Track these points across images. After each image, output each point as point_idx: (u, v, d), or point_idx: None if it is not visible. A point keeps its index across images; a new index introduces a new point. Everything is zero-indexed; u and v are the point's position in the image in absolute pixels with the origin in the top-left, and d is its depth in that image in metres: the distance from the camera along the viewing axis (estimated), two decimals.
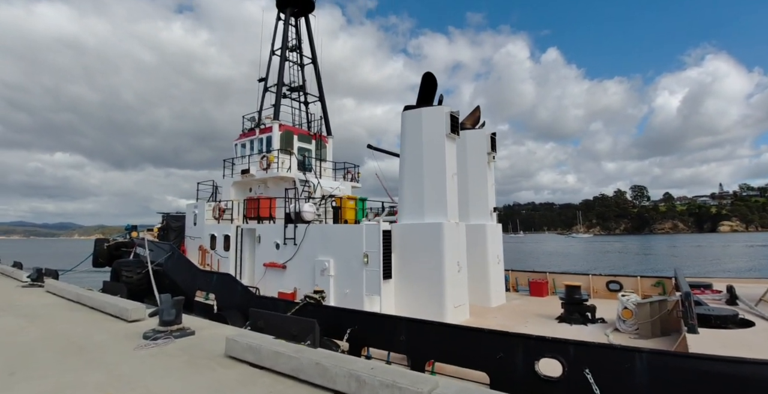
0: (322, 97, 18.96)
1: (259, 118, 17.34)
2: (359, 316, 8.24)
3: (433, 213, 10.83)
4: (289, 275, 12.17)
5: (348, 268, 10.78)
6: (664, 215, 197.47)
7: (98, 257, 18.16)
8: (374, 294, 10.21)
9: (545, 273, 15.58)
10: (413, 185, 11.22)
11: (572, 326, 10.15)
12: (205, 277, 12.52)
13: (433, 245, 10.36)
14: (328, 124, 18.70)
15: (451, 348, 6.92)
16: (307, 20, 19.42)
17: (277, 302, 10.04)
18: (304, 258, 11.83)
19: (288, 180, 15.60)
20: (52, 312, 8.29)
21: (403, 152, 11.64)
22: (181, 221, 18.37)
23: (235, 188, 16.90)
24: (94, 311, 8.36)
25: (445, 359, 6.96)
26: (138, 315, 7.33)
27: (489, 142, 13.78)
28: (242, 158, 17.30)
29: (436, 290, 10.22)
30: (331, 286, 10.94)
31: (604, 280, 14.40)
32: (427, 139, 11.15)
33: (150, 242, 15.92)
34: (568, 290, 10.76)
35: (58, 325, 7.05)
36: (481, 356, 6.55)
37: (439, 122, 11.10)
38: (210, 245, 15.20)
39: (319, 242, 11.53)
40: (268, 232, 13.13)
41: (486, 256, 12.94)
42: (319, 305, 9.06)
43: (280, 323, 8.17)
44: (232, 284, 11.38)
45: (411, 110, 11.56)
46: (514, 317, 11.24)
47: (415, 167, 11.24)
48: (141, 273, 14.75)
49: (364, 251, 10.42)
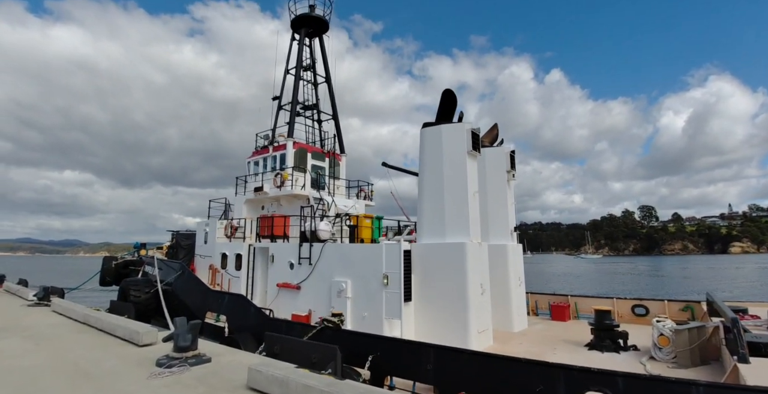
0: (336, 115, 18.93)
1: (273, 135, 17.26)
2: (382, 342, 7.77)
3: (454, 232, 10.45)
4: (304, 296, 11.73)
5: (366, 289, 10.34)
6: (673, 235, 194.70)
7: (105, 276, 17.81)
8: (395, 318, 9.73)
9: (567, 296, 14.99)
10: (433, 204, 10.89)
11: (604, 354, 9.58)
12: (216, 297, 12.10)
13: (456, 266, 9.93)
14: (341, 142, 18.59)
15: (484, 379, 6.42)
16: (321, 40, 19.63)
17: (292, 325, 9.58)
18: (319, 279, 11.41)
19: (302, 198, 15.33)
20: (59, 334, 7.90)
21: (423, 170, 11.37)
22: (191, 239, 18.08)
23: (247, 206, 16.65)
24: (103, 333, 7.95)
25: (478, 390, 6.45)
26: (150, 339, 6.91)
27: (508, 160, 13.50)
28: (255, 176, 17.12)
29: (459, 314, 9.72)
30: (348, 308, 10.47)
31: (629, 304, 13.78)
32: (448, 157, 10.89)
33: (159, 261, 15.58)
34: (597, 315, 10.22)
35: (66, 348, 6.66)
36: (518, 388, 6.05)
37: (460, 139, 10.87)
38: (221, 264, 14.83)
39: (336, 262, 11.14)
40: (281, 251, 12.77)
41: (507, 278, 12.45)
42: (338, 329, 8.60)
43: (298, 348, 7.71)
44: (245, 306, 10.95)
45: (430, 127, 11.37)
46: (540, 343, 10.66)
47: (436, 185, 10.94)
48: (149, 293, 14.34)
49: (384, 272, 10.00)
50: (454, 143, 10.90)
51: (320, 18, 18.94)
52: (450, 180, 10.77)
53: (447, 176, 10.82)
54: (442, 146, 11.02)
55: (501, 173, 13.39)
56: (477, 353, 6.72)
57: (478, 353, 6.68)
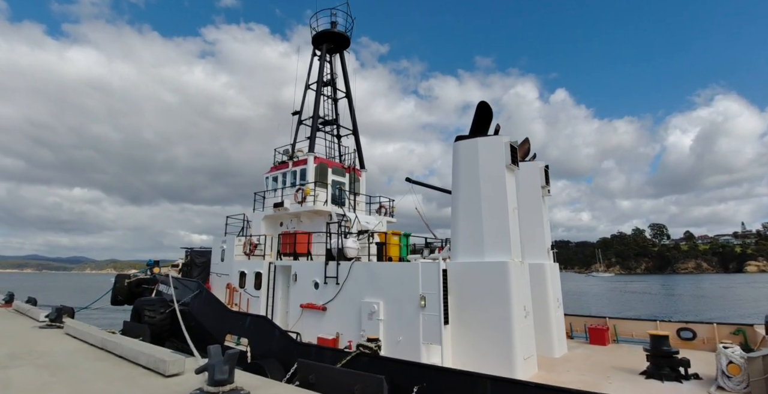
0: (356, 130, 18.60)
1: (292, 150, 16.89)
2: (429, 372, 7.03)
3: (494, 251, 9.79)
4: (331, 318, 11.01)
5: (400, 312, 9.63)
6: (686, 254, 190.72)
7: (117, 295, 17.18)
8: (434, 343, 8.97)
9: (605, 318, 14.09)
10: (470, 220, 10.27)
11: (665, 383, 8.72)
12: (237, 319, 11.41)
13: (499, 287, 9.22)
14: (361, 158, 18.18)
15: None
16: (341, 56, 19.52)
17: (322, 350, 8.86)
18: (347, 299, 10.72)
19: (323, 214, 14.79)
20: (76, 362, 7.26)
21: (457, 185, 10.81)
22: (206, 257, 17.51)
23: (265, 223, 16.12)
24: (123, 360, 7.30)
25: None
26: (177, 369, 6.26)
27: (543, 175, 12.92)
28: (274, 192, 16.66)
29: (502, 339, 8.95)
30: (380, 332, 9.74)
31: (674, 327, 12.87)
32: (485, 171, 10.34)
33: (174, 279, 14.96)
34: (654, 340, 9.40)
35: (85, 380, 6.01)
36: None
37: (498, 153, 10.34)
38: (239, 282, 14.19)
39: (366, 282, 10.46)
40: (305, 269, 12.13)
41: (547, 299, 11.68)
42: (376, 356, 7.87)
43: (338, 378, 6.99)
44: (269, 329, 10.25)
45: (465, 140, 10.87)
46: (589, 370, 9.80)
47: (472, 201, 10.35)
48: (164, 313, 13.68)
49: (421, 293, 9.31)
50: (491, 157, 10.37)
51: (341, 34, 18.87)
52: (488, 195, 10.18)
53: (485, 191, 10.24)
54: (478, 160, 10.49)
55: (535, 189, 12.79)
56: (543, 386, 5.97)
57: (544, 387, 5.93)
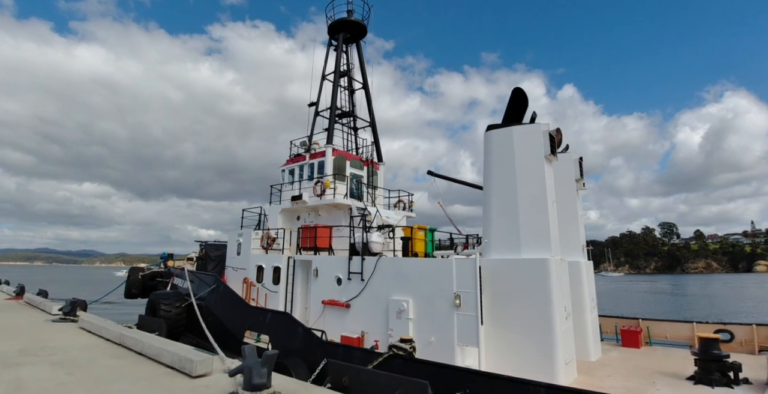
0: (373, 121, 18.00)
1: (309, 142, 16.36)
2: (473, 377, 6.49)
3: (532, 247, 9.19)
4: (355, 316, 10.50)
5: (432, 310, 9.09)
6: (696, 253, 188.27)
7: (131, 288, 16.84)
8: (470, 344, 8.43)
9: (637, 320, 13.45)
10: (505, 215, 9.67)
11: (715, 389, 8.12)
12: (257, 315, 10.96)
13: (538, 286, 8.63)
14: (379, 150, 17.59)
15: None
16: (358, 46, 18.90)
17: (350, 350, 8.35)
18: (373, 296, 10.20)
19: (343, 208, 14.26)
20: (93, 359, 6.80)
21: (490, 177, 10.20)
22: (221, 250, 17.10)
23: (282, 216, 15.64)
24: (143, 358, 6.84)
25: None
26: (204, 369, 5.76)
27: (578, 168, 12.27)
28: (291, 185, 16.16)
29: (543, 341, 8.37)
30: (409, 331, 9.21)
31: (711, 328, 12.22)
32: (522, 162, 9.72)
33: (191, 273, 14.56)
34: (704, 343, 8.78)
35: (105, 380, 5.53)
36: None
37: (536, 142, 9.71)
38: (256, 277, 13.73)
39: (393, 278, 9.93)
40: (327, 264, 11.62)
41: (583, 299, 11.07)
42: (411, 358, 7.34)
43: (376, 381, 6.46)
44: (292, 326, 9.76)
45: (499, 129, 10.25)
46: (632, 375, 9.21)
47: (507, 194, 9.74)
48: (180, 307, 13.28)
49: (455, 291, 8.75)
50: (528, 146, 9.75)
51: (358, 22, 18.24)
52: (525, 188, 9.57)
53: (521, 184, 9.63)
54: (514, 150, 9.87)
55: (570, 182, 12.15)
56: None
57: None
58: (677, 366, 9.95)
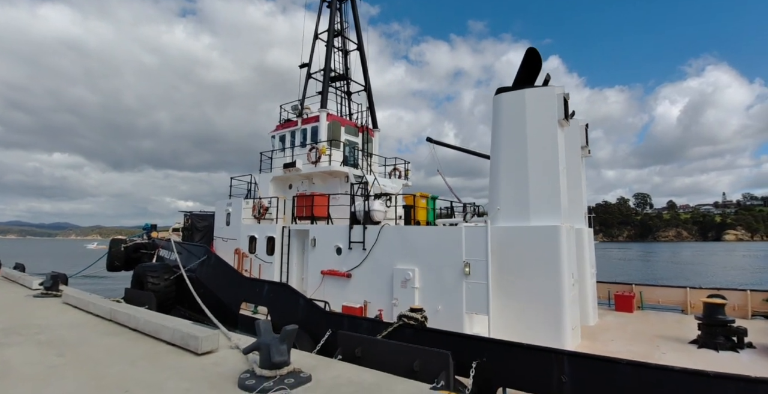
0: (368, 85, 17.08)
1: (301, 106, 15.42)
2: (489, 346, 6.28)
3: (541, 214, 8.90)
4: (356, 286, 10.19)
5: (439, 279, 8.82)
6: (667, 222, 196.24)
7: (114, 260, 16.10)
8: (480, 312, 8.24)
9: (631, 285, 13.66)
10: (514, 181, 9.29)
11: (720, 353, 8.24)
12: (253, 286, 10.53)
13: (548, 254, 8.40)
14: (374, 116, 16.81)
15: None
16: (353, 4, 17.60)
17: (358, 321, 8.05)
18: (376, 266, 9.86)
19: (339, 175, 13.67)
20: (84, 337, 6.24)
21: (498, 142, 9.73)
22: (208, 221, 16.41)
23: (273, 185, 14.95)
24: (139, 335, 6.34)
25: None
26: (211, 345, 5.29)
27: (584, 134, 11.90)
28: (281, 152, 15.36)
29: (552, 308, 8.25)
30: (415, 300, 8.97)
31: (704, 293, 12.47)
32: (533, 126, 9.25)
33: (178, 244, 13.91)
34: (708, 308, 8.85)
35: (102, 361, 4.99)
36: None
37: (549, 105, 9.22)
38: (248, 248, 13.21)
39: (398, 247, 9.57)
40: (326, 234, 11.16)
41: (584, 266, 11.02)
42: (423, 328, 7.08)
43: (391, 352, 6.19)
44: (292, 297, 9.39)
45: (510, 92, 9.67)
46: (634, 340, 9.30)
47: (517, 160, 9.33)
48: (169, 279, 12.73)
49: (465, 260, 8.46)
50: (541, 110, 9.25)
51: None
52: (536, 153, 9.16)
53: (532, 149, 9.20)
54: (525, 114, 9.36)
55: (575, 149, 11.82)
56: (635, 363, 5.24)
57: (637, 364, 5.20)
58: (675, 330, 10.12)
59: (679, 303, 12.88)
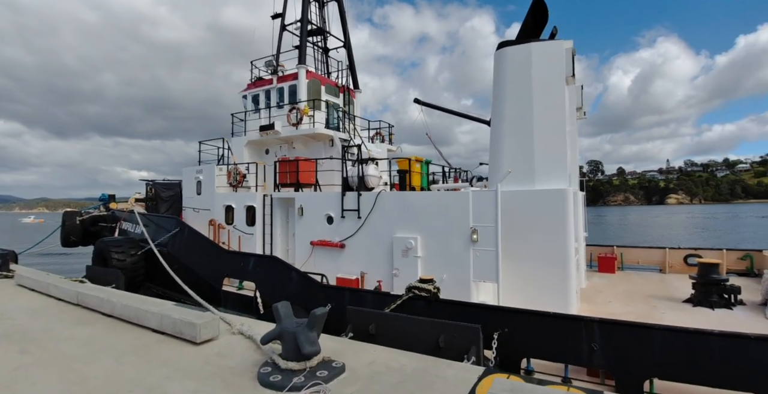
0: (348, 41, 15.70)
1: (276, 62, 13.94)
2: (511, 315, 5.93)
3: (547, 178, 8.51)
4: (350, 257, 9.57)
5: (444, 247, 8.35)
6: (617, 188, 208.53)
7: (69, 235, 14.49)
8: (489, 280, 7.91)
9: (612, 247, 13.98)
10: (518, 143, 8.77)
11: (716, 311, 8.47)
12: (237, 260, 9.66)
13: (556, 218, 8.08)
14: (354, 76, 15.60)
15: (691, 360, 4.84)
16: None
17: (361, 294, 7.48)
18: (373, 234, 9.24)
19: (323, 139, 12.66)
20: (51, 328, 5.15)
21: (501, 101, 9.09)
22: (173, 190, 15.01)
23: (248, 150, 13.70)
24: (118, 322, 5.38)
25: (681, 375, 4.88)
26: (211, 333, 4.44)
27: (580, 96, 11.49)
28: (256, 113, 13.99)
29: (558, 273, 8.04)
30: (418, 270, 8.51)
31: (682, 254, 13.00)
32: (540, 83, 8.65)
33: (143, 216, 12.58)
34: (703, 268, 9.03)
35: (76, 356, 4.03)
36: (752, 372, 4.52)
37: (557, 61, 8.60)
38: (225, 218, 12.15)
39: (397, 215, 8.94)
40: (315, 202, 10.32)
41: (578, 230, 10.93)
42: (436, 299, 6.63)
43: (410, 328, 5.69)
44: (283, 270, 8.65)
45: (514, 46, 8.93)
46: (629, 300, 9.43)
47: (521, 120, 8.77)
48: (136, 255, 11.55)
49: (472, 226, 7.99)
50: (548, 66, 8.63)
51: None
52: (542, 112, 8.62)
53: (538, 107, 8.65)
54: (531, 70, 8.71)
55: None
56: (677, 329, 5.04)
57: (679, 330, 5.01)
58: (662, 290, 10.40)
59: (657, 263, 13.33)
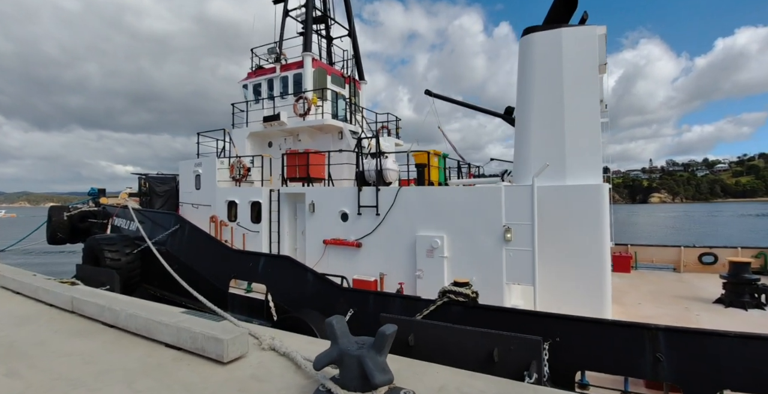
0: (353, 30, 15.01)
1: (279, 49, 13.17)
2: (562, 323, 5.41)
3: (579, 172, 8.05)
4: (368, 257, 8.96)
5: (473, 247, 7.80)
6: None
7: (56, 232, 13.52)
8: (524, 283, 7.38)
9: (626, 246, 13.65)
10: (548, 135, 8.28)
11: (749, 312, 8.14)
12: (245, 260, 8.96)
13: (592, 215, 7.60)
14: (359, 66, 14.92)
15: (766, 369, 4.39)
16: None
17: (388, 299, 6.88)
18: (393, 233, 8.64)
19: (331, 130, 11.99)
20: (43, 341, 4.22)
21: (528, 90, 8.57)
22: (169, 184, 14.16)
23: (250, 142, 12.93)
24: (122, 334, 4.58)
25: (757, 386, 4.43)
26: (239, 350, 3.67)
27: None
28: (258, 103, 13.21)
29: (593, 275, 7.57)
30: (444, 271, 7.95)
31: (697, 252, 12.73)
32: (571, 71, 8.16)
33: (138, 212, 11.73)
34: (734, 267, 8.70)
35: (80, 380, 3.22)
36: None
37: (590, 47, 8.12)
38: (227, 215, 11.40)
39: (421, 212, 8.35)
40: (328, 197, 9.66)
41: None
42: (475, 305, 6.08)
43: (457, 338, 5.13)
44: (298, 271, 8.00)
45: (542, 32, 8.42)
46: (657, 301, 9.05)
47: (551, 109, 8.27)
48: (132, 254, 10.73)
49: (505, 224, 7.45)
50: (580, 53, 8.14)
51: None
52: (574, 102, 8.14)
53: (569, 97, 8.16)
54: (562, 56, 8.21)
55: None
56: (751, 336, 4.58)
57: (755, 337, 4.55)
58: (686, 289, 10.08)
59: (671, 262, 13.05)
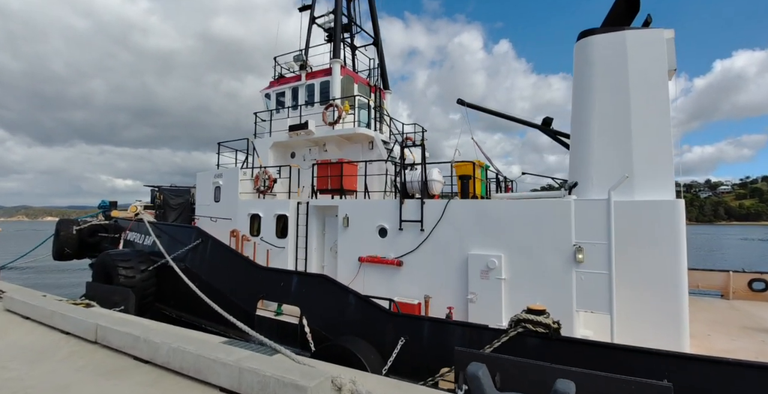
0: (378, 38, 14.53)
1: (305, 56, 12.64)
2: (685, 364, 4.54)
3: (649, 186, 7.27)
4: (410, 277, 8.11)
5: (536, 268, 6.96)
6: None
7: (64, 247, 12.72)
8: (599, 310, 6.52)
9: None
10: (612, 145, 7.55)
11: None
12: (275, 279, 8.12)
13: (665, 234, 6.78)
14: (384, 75, 14.38)
15: None
16: None
17: (447, 327, 6.02)
18: (440, 251, 7.81)
19: (362, 140, 11.31)
20: (66, 383, 3.59)
21: (587, 97, 7.89)
22: (183, 197, 13.45)
23: (273, 152, 12.25)
24: (163, 372, 3.83)
25: None
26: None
27: None
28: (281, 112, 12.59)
29: (670, 303, 6.70)
30: (501, 295, 7.08)
31: (747, 277, 11.79)
32: (638, 76, 7.49)
33: (155, 226, 10.95)
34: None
35: None
36: None
37: (658, 51, 7.47)
38: (250, 229, 10.61)
39: (473, 227, 7.55)
40: (363, 211, 8.88)
41: None
42: (558, 337, 5.22)
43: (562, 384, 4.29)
44: (337, 292, 7.16)
45: (603, 35, 7.79)
46: (725, 334, 8.12)
47: (616, 118, 7.56)
48: (148, 271, 9.91)
49: (575, 243, 6.64)
50: (647, 57, 7.48)
51: None
52: (642, 110, 7.44)
53: (637, 104, 7.46)
54: (627, 61, 7.55)
55: None
56: None
57: None
58: (746, 318, 9.19)
59: (718, 288, 12.09)
